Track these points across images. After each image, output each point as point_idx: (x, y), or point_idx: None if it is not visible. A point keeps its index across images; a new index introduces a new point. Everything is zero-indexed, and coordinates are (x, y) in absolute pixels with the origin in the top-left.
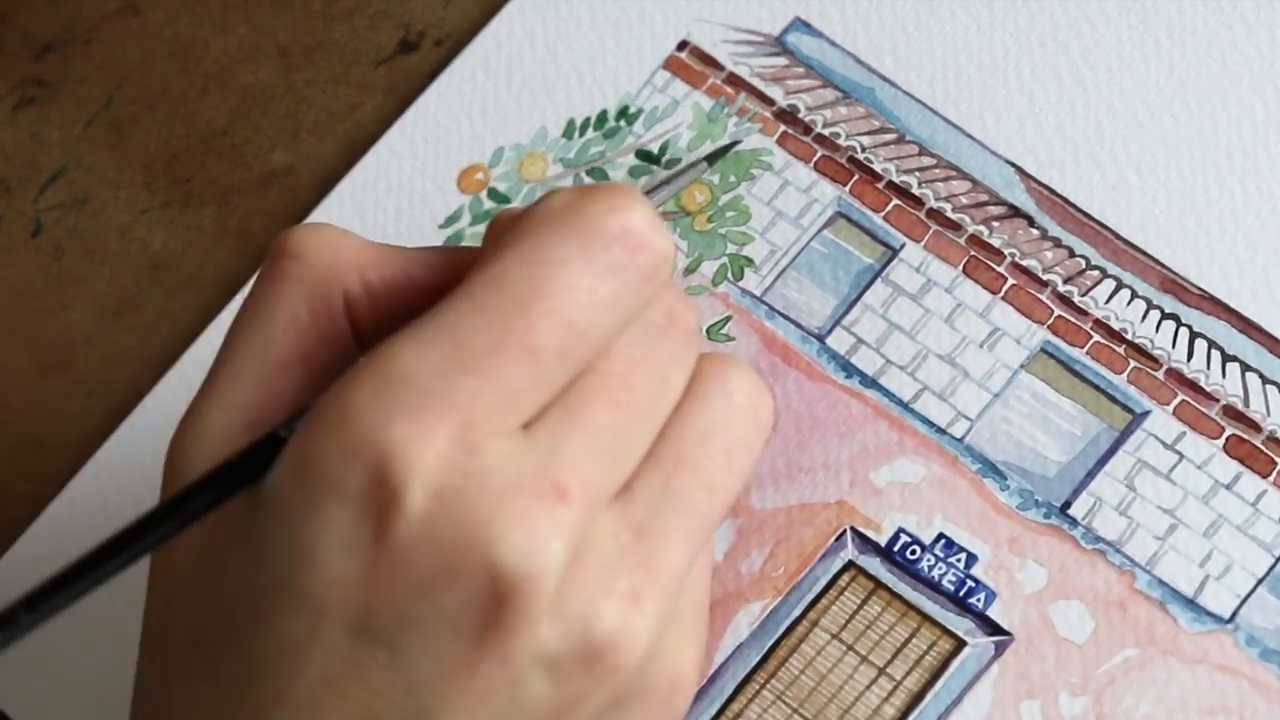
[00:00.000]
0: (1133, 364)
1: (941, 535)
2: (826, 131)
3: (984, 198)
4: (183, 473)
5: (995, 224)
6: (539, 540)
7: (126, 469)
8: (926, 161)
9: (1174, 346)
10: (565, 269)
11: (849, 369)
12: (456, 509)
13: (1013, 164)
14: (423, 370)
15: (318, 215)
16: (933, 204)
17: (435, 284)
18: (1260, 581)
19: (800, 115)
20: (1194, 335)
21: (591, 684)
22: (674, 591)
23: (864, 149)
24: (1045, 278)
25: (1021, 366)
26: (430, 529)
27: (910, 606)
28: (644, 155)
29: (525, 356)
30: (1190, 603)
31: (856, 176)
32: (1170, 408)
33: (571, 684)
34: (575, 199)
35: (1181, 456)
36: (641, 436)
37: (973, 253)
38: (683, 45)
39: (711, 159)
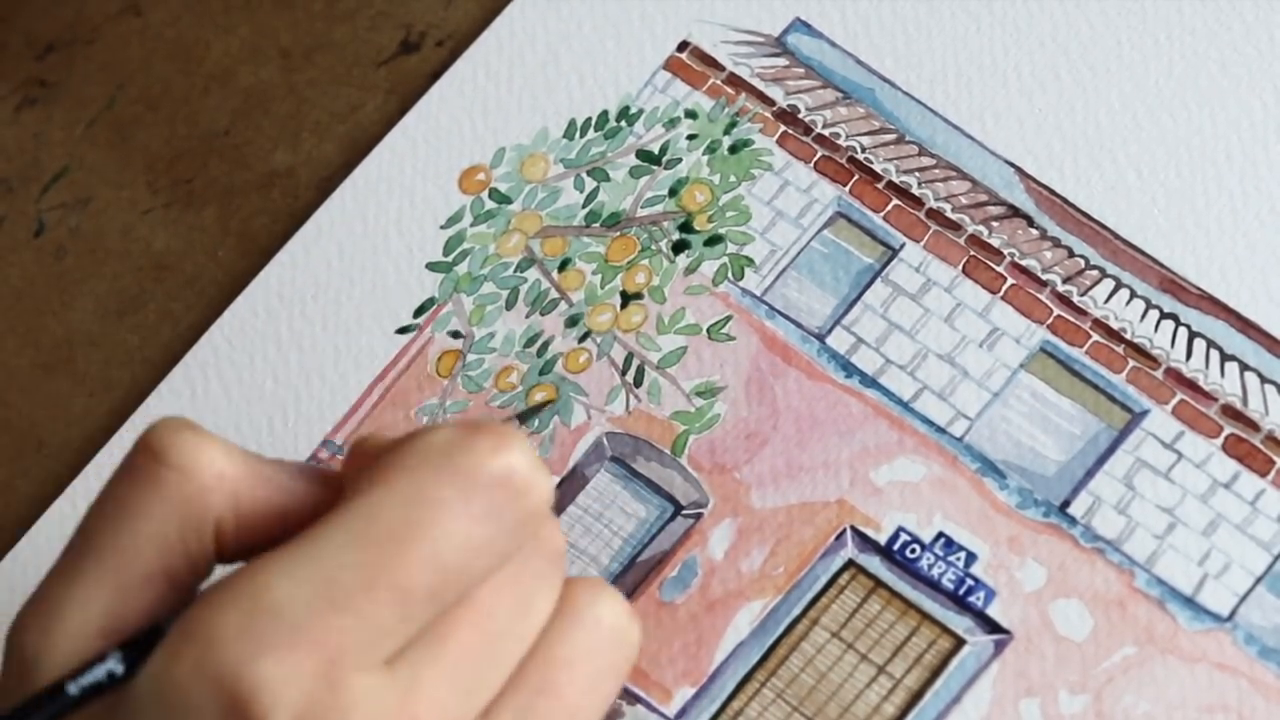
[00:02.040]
0: (1132, 363)
1: (941, 534)
2: (827, 132)
3: (984, 198)
4: (34, 666)
5: (995, 224)
6: None
7: None
8: (926, 162)
9: (1173, 346)
10: (443, 510)
11: (849, 368)
12: None
13: (1012, 164)
14: (292, 603)
15: (320, 217)
16: (933, 204)
17: (305, 506)
18: (1259, 580)
19: (800, 115)
20: (1193, 334)
21: None
22: None
23: (864, 149)
24: (1045, 277)
25: (1021, 366)
26: None
27: (910, 605)
28: (645, 155)
29: (395, 597)
30: (1189, 601)
31: (856, 177)
32: (1169, 407)
33: None
34: (458, 437)
35: (1180, 455)
36: (504, 662)
37: (972, 253)
38: (683, 46)
39: (523, 418)
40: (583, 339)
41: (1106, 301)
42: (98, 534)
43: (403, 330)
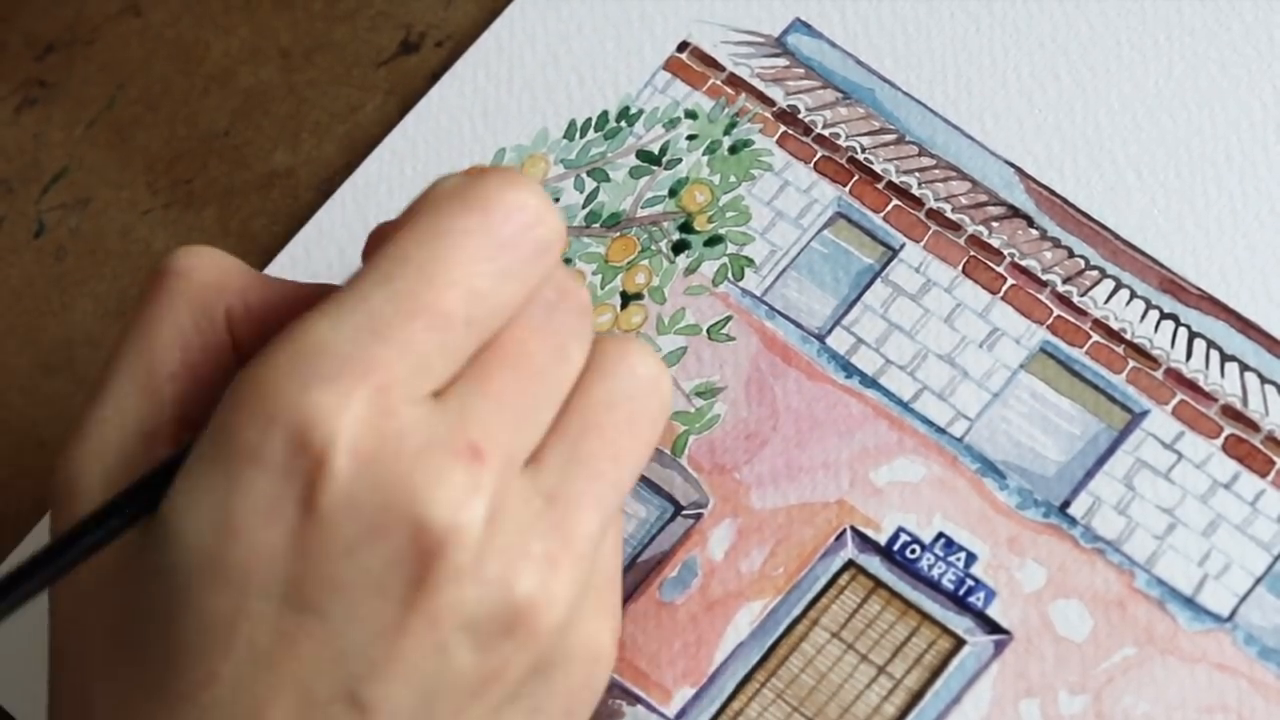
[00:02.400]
0: (1132, 364)
1: (941, 534)
2: (826, 132)
3: (983, 198)
4: (79, 487)
5: (995, 224)
6: (460, 495)
7: None
8: (926, 162)
9: (1173, 346)
10: (467, 239)
11: (849, 369)
12: (379, 470)
13: (1012, 164)
14: (336, 340)
15: (320, 218)
16: (932, 204)
17: (315, 300)
18: (1259, 580)
19: (800, 116)
20: (1193, 335)
21: (513, 649)
22: (587, 558)
23: (864, 149)
24: (1044, 278)
25: (1021, 366)
26: (354, 491)
27: (910, 605)
28: (645, 156)
29: (435, 323)
30: (1189, 602)
31: (856, 177)
32: (1169, 407)
33: (495, 650)
34: (471, 177)
35: (1180, 456)
36: (545, 404)
37: (972, 253)
38: (683, 46)
39: None
40: None
41: (1106, 302)
42: (122, 348)
43: None
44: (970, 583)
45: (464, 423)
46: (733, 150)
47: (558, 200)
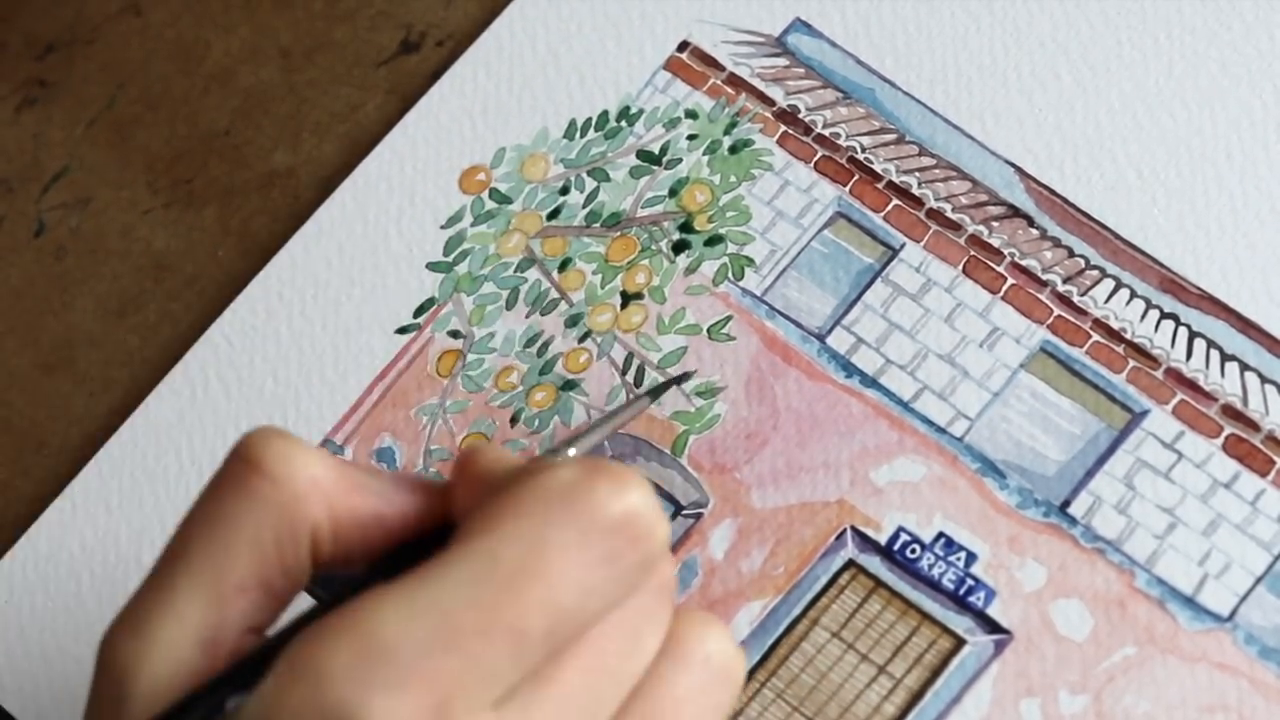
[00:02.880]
0: (1132, 363)
1: (941, 534)
2: (827, 132)
3: (984, 198)
4: (128, 679)
5: (995, 224)
6: None
7: (128, 469)
8: (926, 162)
9: (1173, 346)
10: (563, 554)
11: (849, 368)
12: None
13: (1012, 164)
14: (406, 641)
15: (320, 216)
16: (933, 204)
17: (402, 515)
18: (1259, 580)
19: (801, 116)
20: (1193, 334)
21: None
22: None
23: (864, 149)
24: (1045, 277)
25: (1021, 366)
26: None
27: (910, 605)
28: (645, 155)
29: (511, 639)
30: (1189, 601)
31: (857, 177)
32: (1169, 407)
33: None
34: (579, 477)
35: (1180, 455)
36: (612, 701)
37: (972, 252)
38: (683, 46)
39: (655, 393)
40: (583, 339)
41: (1106, 301)
42: (192, 544)
43: (403, 330)
44: (970, 582)
45: None
46: (733, 150)
47: (557, 200)
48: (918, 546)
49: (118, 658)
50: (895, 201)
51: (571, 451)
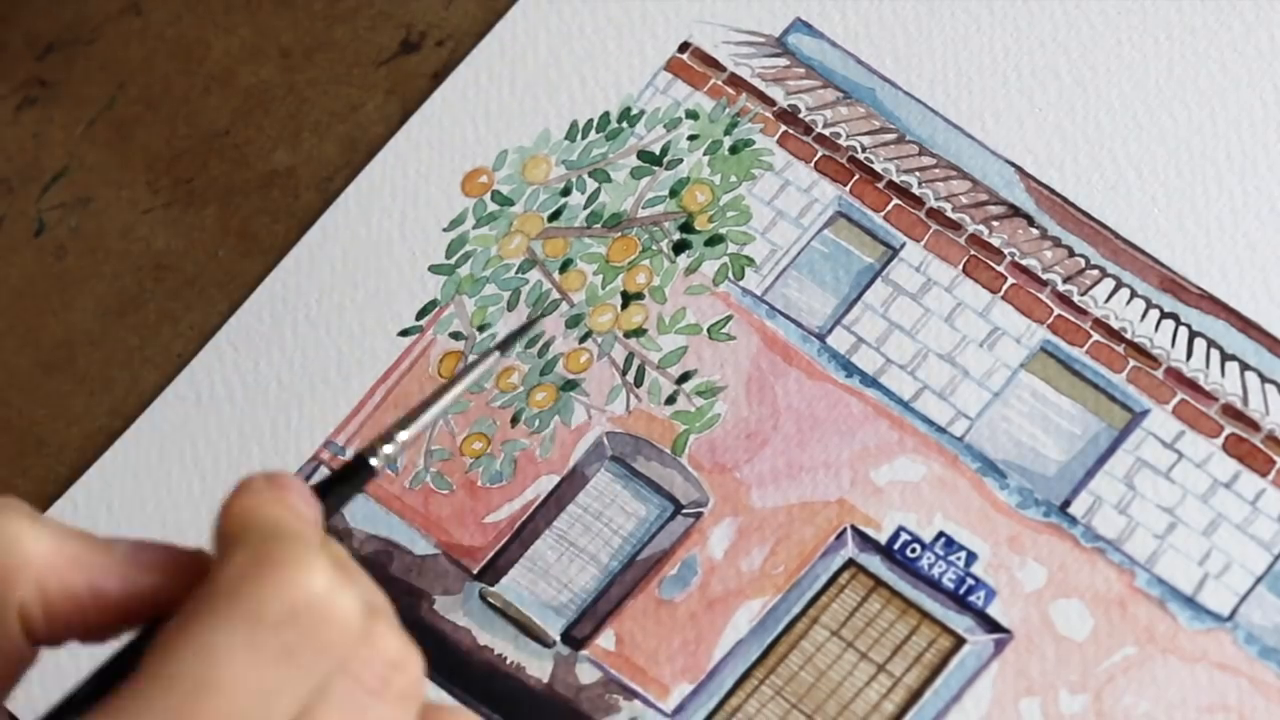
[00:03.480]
0: (1132, 363)
1: (941, 533)
2: (827, 132)
3: (984, 197)
4: None
5: (995, 223)
6: None
7: (131, 472)
8: (926, 161)
9: (1173, 345)
10: (230, 659)
11: (849, 368)
12: None
13: (1013, 164)
14: None
15: (324, 221)
16: (933, 204)
17: (132, 590)
18: (1259, 580)
19: (801, 115)
20: (1193, 334)
21: None
22: None
23: (864, 149)
24: (1045, 277)
25: (1021, 365)
26: None
27: (910, 604)
28: (646, 156)
29: None
30: (1189, 601)
31: (857, 176)
32: (1169, 406)
33: None
34: (247, 571)
35: (1180, 455)
36: None
37: (973, 252)
38: (684, 47)
39: (504, 346)
40: (583, 339)
41: (1107, 301)
42: None
43: (405, 332)
44: (970, 582)
45: None
46: (733, 150)
47: (565, 196)
48: (918, 546)
49: None
50: (895, 201)
51: (403, 435)
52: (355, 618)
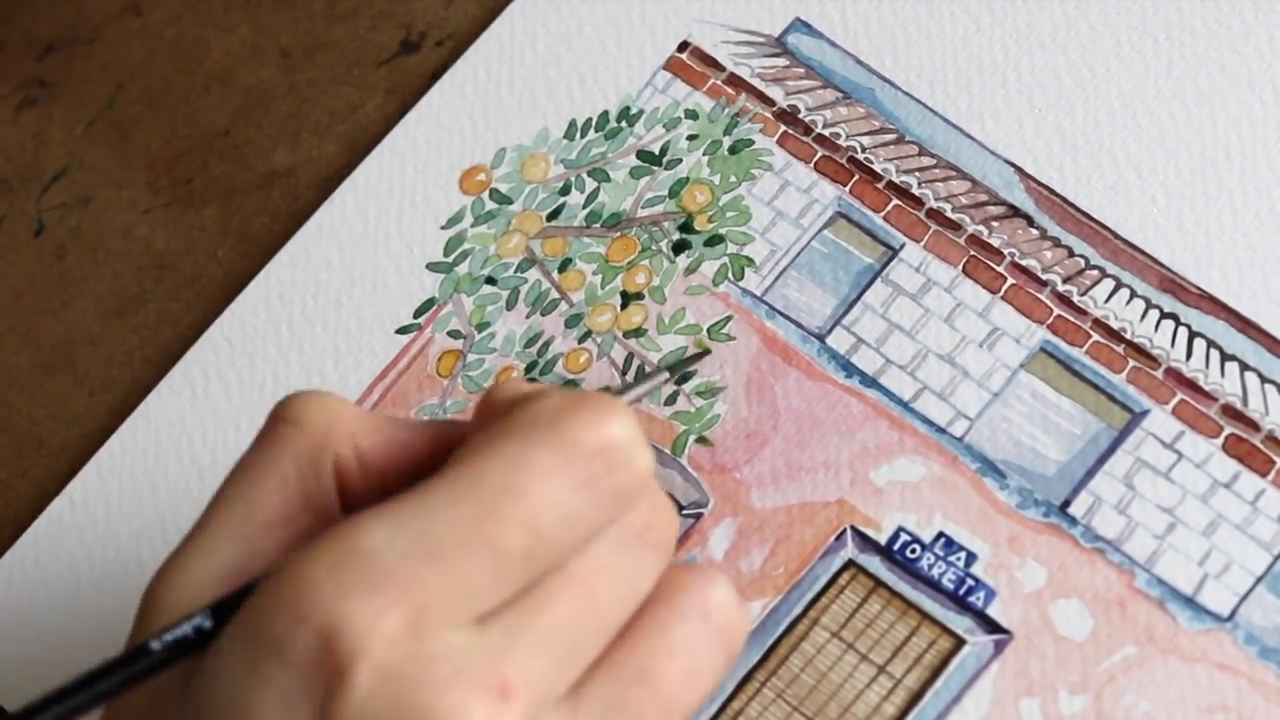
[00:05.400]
0: (1132, 363)
1: (941, 534)
2: (827, 132)
3: (983, 198)
4: (155, 618)
5: (995, 224)
6: None
7: (127, 469)
8: (926, 161)
9: (1173, 345)
10: (544, 476)
11: (849, 368)
12: (401, 693)
13: (1012, 164)
14: (386, 550)
15: (320, 217)
16: (933, 204)
17: (427, 456)
18: (1259, 580)
19: (800, 116)
20: (1193, 334)
21: None
22: None
23: (864, 149)
24: (1044, 277)
25: (1021, 366)
26: (371, 709)
27: (910, 605)
28: (645, 156)
29: (490, 555)
30: (1189, 601)
31: (856, 177)
32: (1169, 407)
33: None
34: (565, 406)
35: (1180, 455)
36: (599, 639)
37: (972, 252)
38: (683, 46)
39: (674, 369)
40: (583, 339)
41: (1106, 301)
42: (224, 493)
43: (403, 330)
44: (970, 582)
45: (501, 655)
46: (733, 150)
47: (564, 195)
48: (918, 546)
49: (151, 597)
50: (895, 201)
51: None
52: (650, 468)
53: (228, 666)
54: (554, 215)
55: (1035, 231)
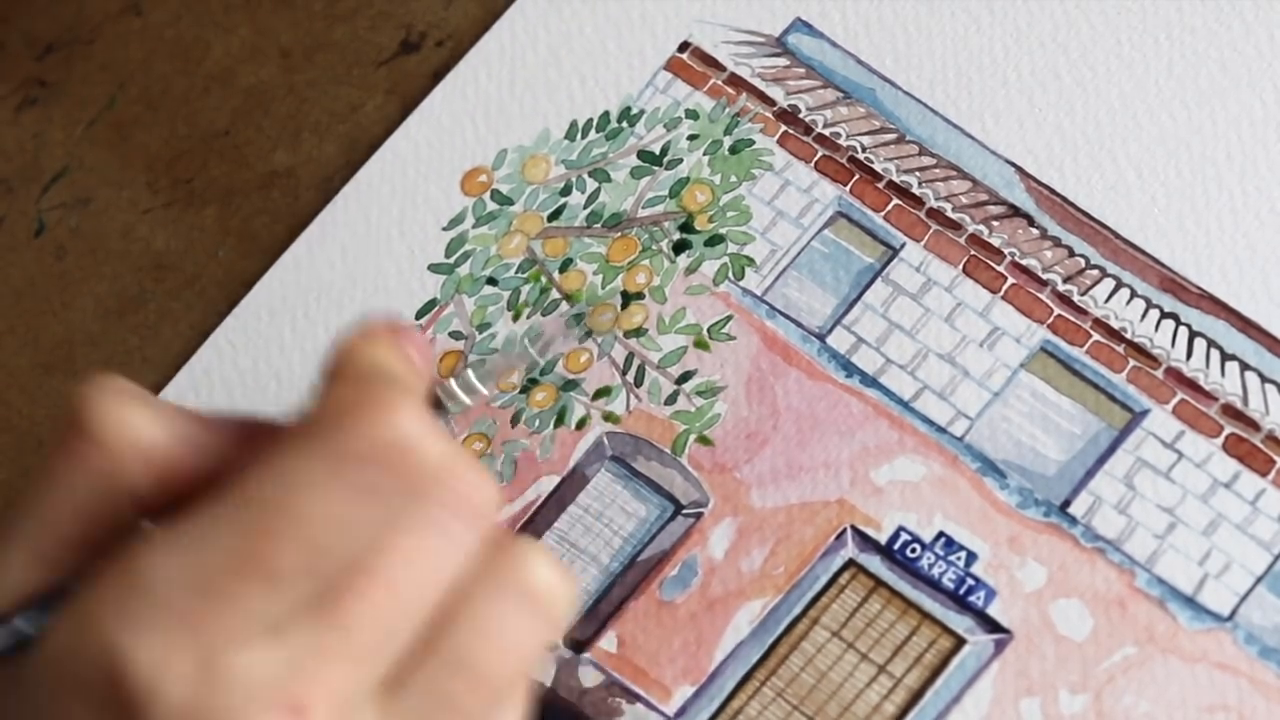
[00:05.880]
0: (1132, 363)
1: (941, 533)
2: (827, 132)
3: (984, 197)
4: None
5: (995, 223)
6: None
7: None
8: (926, 161)
9: (1173, 345)
10: (312, 491)
11: (849, 368)
12: None
13: (1013, 164)
14: (166, 583)
15: (323, 219)
16: (933, 203)
17: (233, 466)
18: (1259, 580)
19: (801, 115)
20: (1193, 334)
21: None
22: None
23: (864, 149)
24: (1045, 277)
25: (1021, 365)
26: None
27: (910, 604)
28: (646, 156)
29: (267, 577)
30: (1189, 601)
31: (857, 176)
32: (1169, 406)
33: None
34: (337, 408)
35: (1180, 455)
36: (406, 630)
37: (973, 252)
38: (684, 46)
39: (535, 339)
40: (583, 339)
41: (1107, 301)
42: (21, 504)
43: None
44: (970, 582)
45: (294, 671)
46: (733, 150)
47: (564, 196)
48: (918, 546)
49: None
50: (895, 201)
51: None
52: (443, 453)
53: (32, 696)
54: (555, 216)
55: (1035, 231)
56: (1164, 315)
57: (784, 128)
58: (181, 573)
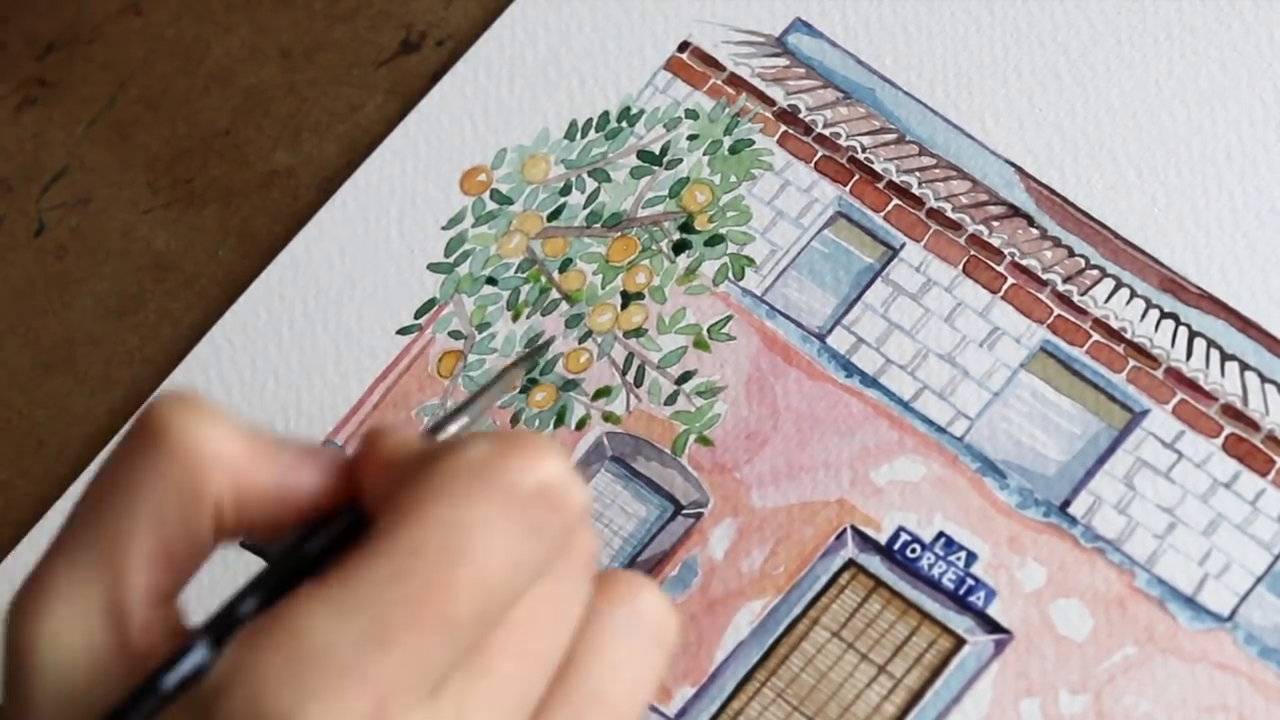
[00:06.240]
0: (1132, 363)
1: (941, 534)
2: (827, 132)
3: (984, 197)
4: (31, 655)
5: (995, 223)
6: None
7: None
8: (926, 161)
9: (1173, 345)
10: (485, 532)
11: (849, 368)
12: None
13: (1012, 164)
14: (339, 645)
15: (321, 217)
16: (933, 204)
17: (308, 490)
18: (1259, 580)
19: (801, 115)
20: (1193, 334)
21: None
22: None
23: (864, 149)
24: (1045, 277)
25: (1021, 365)
26: None
27: (910, 604)
28: (645, 156)
29: (445, 626)
30: (1189, 601)
31: (857, 176)
32: (1169, 406)
33: None
34: (492, 454)
35: (1180, 455)
36: (545, 678)
37: (973, 252)
38: (684, 46)
39: (519, 364)
40: (583, 339)
41: (1107, 301)
42: (95, 514)
43: (404, 331)
44: (970, 582)
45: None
46: (733, 150)
47: (564, 195)
48: (918, 546)
49: (21, 633)
50: (895, 201)
51: (454, 427)
52: (585, 503)
53: None
54: (554, 215)
55: (1035, 231)
56: (1164, 315)
57: (784, 128)
58: (354, 630)
